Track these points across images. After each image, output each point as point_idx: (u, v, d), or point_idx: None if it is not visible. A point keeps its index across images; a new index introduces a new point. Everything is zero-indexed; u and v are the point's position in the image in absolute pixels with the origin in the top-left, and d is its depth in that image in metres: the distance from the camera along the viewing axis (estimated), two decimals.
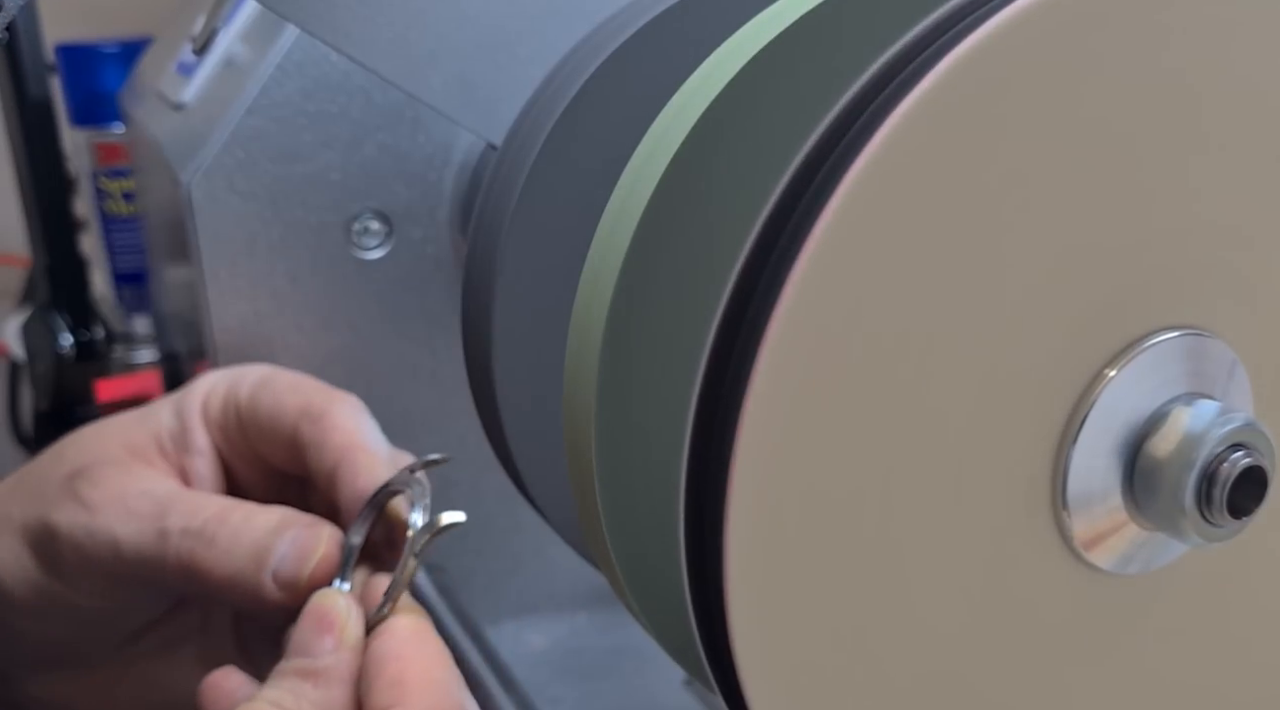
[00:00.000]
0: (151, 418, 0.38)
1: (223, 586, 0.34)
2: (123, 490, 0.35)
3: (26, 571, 0.36)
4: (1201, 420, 0.24)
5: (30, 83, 0.76)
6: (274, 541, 0.33)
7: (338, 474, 0.35)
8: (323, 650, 0.31)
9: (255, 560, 0.33)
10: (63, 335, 0.80)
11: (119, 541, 0.34)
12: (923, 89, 0.21)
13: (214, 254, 0.42)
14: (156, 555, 0.34)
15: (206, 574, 0.34)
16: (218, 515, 0.34)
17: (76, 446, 0.37)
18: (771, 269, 0.22)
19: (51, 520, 0.35)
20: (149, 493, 0.35)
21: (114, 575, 0.35)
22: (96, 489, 0.35)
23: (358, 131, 0.42)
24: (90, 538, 0.35)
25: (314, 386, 0.38)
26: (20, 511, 0.36)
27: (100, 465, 0.36)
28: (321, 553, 0.33)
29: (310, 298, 0.43)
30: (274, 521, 0.34)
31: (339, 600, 0.32)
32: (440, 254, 0.44)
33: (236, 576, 0.33)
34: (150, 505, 0.35)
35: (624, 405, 0.25)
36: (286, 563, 0.33)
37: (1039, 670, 0.26)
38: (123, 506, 0.35)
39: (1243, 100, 0.24)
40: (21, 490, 0.37)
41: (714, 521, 0.22)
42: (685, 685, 0.46)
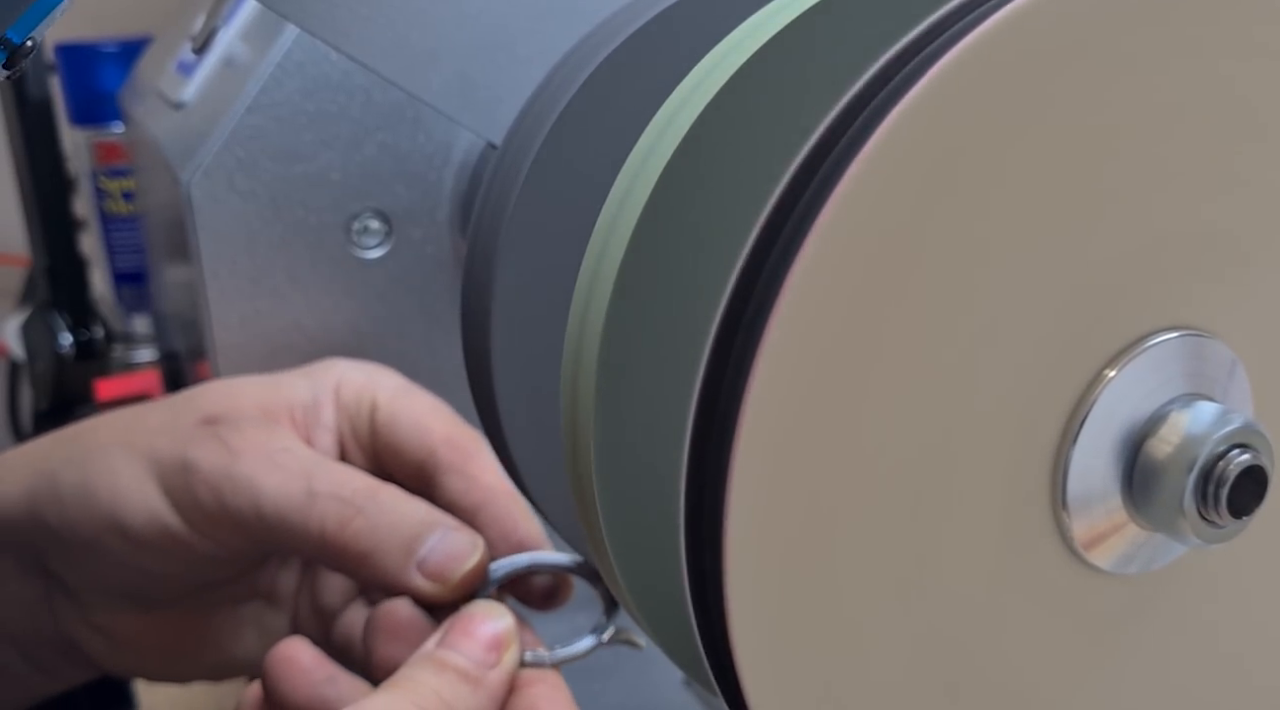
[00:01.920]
0: (285, 385, 0.38)
1: (361, 560, 0.34)
2: (266, 443, 0.35)
3: (149, 502, 0.35)
4: (1201, 421, 0.24)
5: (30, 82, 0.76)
6: (426, 532, 0.34)
7: (486, 512, 0.36)
8: (485, 662, 0.31)
9: (404, 543, 0.33)
10: (62, 335, 0.80)
11: (262, 492, 0.34)
12: (921, 89, 0.21)
13: (214, 253, 0.42)
14: (299, 514, 0.34)
15: (348, 544, 0.34)
16: (367, 489, 0.34)
17: (207, 396, 0.37)
18: (770, 269, 0.22)
19: (192, 458, 0.35)
20: (292, 450, 0.35)
21: (244, 525, 0.35)
22: (240, 436, 0.35)
23: (358, 131, 0.42)
24: (230, 483, 0.34)
25: (454, 416, 0.38)
26: (148, 441, 0.36)
27: (237, 415, 0.36)
28: (476, 562, 0.34)
29: (310, 297, 0.43)
30: (424, 511, 0.34)
31: (507, 619, 0.32)
32: (440, 253, 0.44)
33: (380, 554, 0.33)
34: (296, 463, 0.35)
35: (623, 405, 0.25)
36: (436, 556, 0.33)
37: (1039, 670, 0.26)
38: (268, 458, 0.35)
39: (1242, 100, 0.24)
40: (146, 423, 0.37)
41: (713, 521, 0.22)
42: (685, 685, 0.46)
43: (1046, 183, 0.23)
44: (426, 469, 0.37)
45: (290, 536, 0.34)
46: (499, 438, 0.35)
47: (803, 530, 0.23)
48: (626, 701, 0.45)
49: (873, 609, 0.24)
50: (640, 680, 0.46)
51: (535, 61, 0.36)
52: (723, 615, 0.22)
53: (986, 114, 0.22)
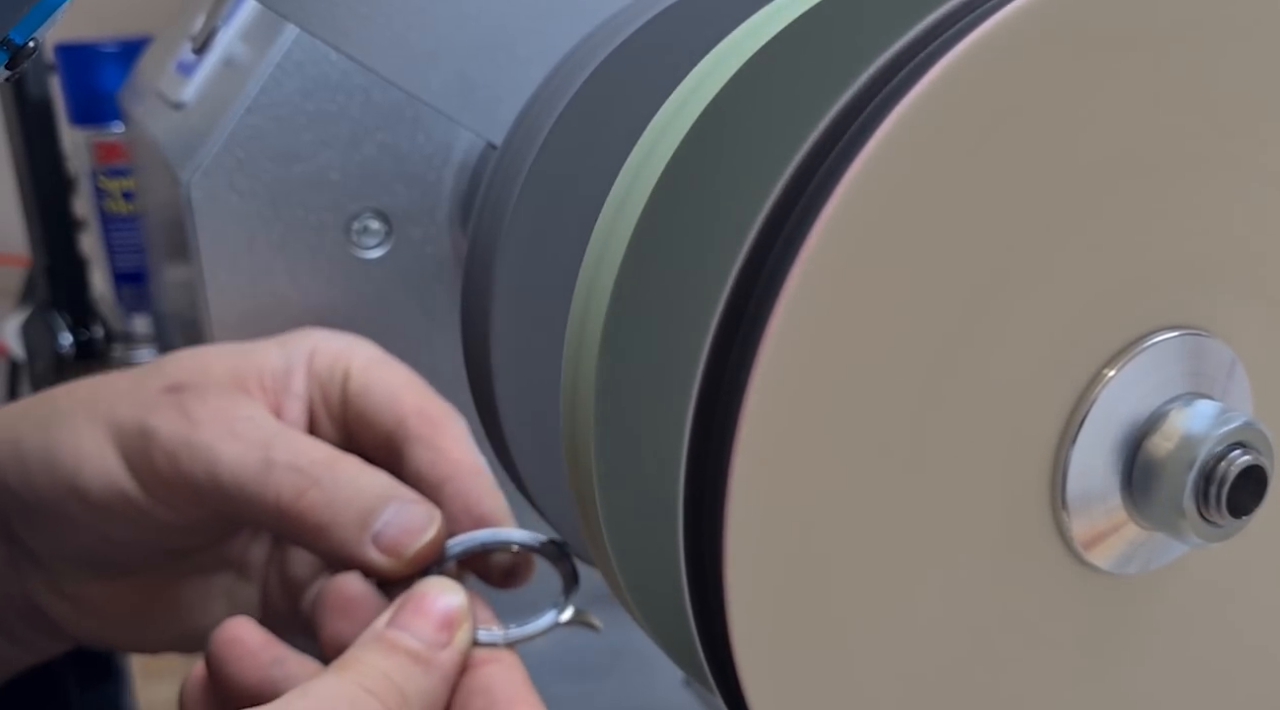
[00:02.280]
0: (258, 352, 0.38)
1: (316, 531, 0.33)
2: (228, 412, 0.35)
3: (108, 468, 0.35)
4: (1201, 420, 0.24)
5: (30, 82, 0.76)
6: (380, 504, 0.33)
7: (451, 485, 0.35)
8: (436, 642, 0.31)
9: (359, 516, 0.33)
10: (62, 335, 0.80)
11: (219, 461, 0.34)
12: (921, 89, 0.21)
13: (213, 253, 0.42)
14: (256, 484, 0.34)
15: (304, 515, 0.33)
16: (325, 460, 0.34)
17: (176, 364, 0.37)
18: (770, 269, 0.22)
19: (151, 425, 0.35)
20: (254, 419, 0.35)
21: (202, 494, 0.34)
22: (202, 405, 0.35)
23: (357, 131, 0.42)
24: (189, 450, 0.34)
25: (429, 390, 0.38)
26: (110, 408, 0.36)
27: (203, 384, 0.36)
28: (431, 536, 0.33)
29: (310, 297, 0.43)
30: (382, 483, 0.34)
31: (459, 597, 0.32)
32: (440, 253, 0.44)
33: (335, 526, 0.33)
34: (256, 432, 0.34)
35: (623, 405, 0.25)
36: (391, 530, 0.33)
37: (1039, 670, 0.26)
38: (227, 427, 0.34)
39: (1242, 101, 0.24)
40: (111, 389, 0.37)
41: (713, 521, 0.22)
42: (684, 685, 0.46)
43: (1046, 182, 0.23)
44: (396, 440, 0.36)
45: (247, 506, 0.34)
46: (499, 437, 0.35)
47: (802, 529, 0.23)
48: (625, 701, 0.45)
49: (872, 607, 0.24)
50: (638, 680, 0.46)
51: (535, 61, 0.36)
52: (722, 614, 0.22)
53: (986, 113, 0.22)
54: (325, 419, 0.38)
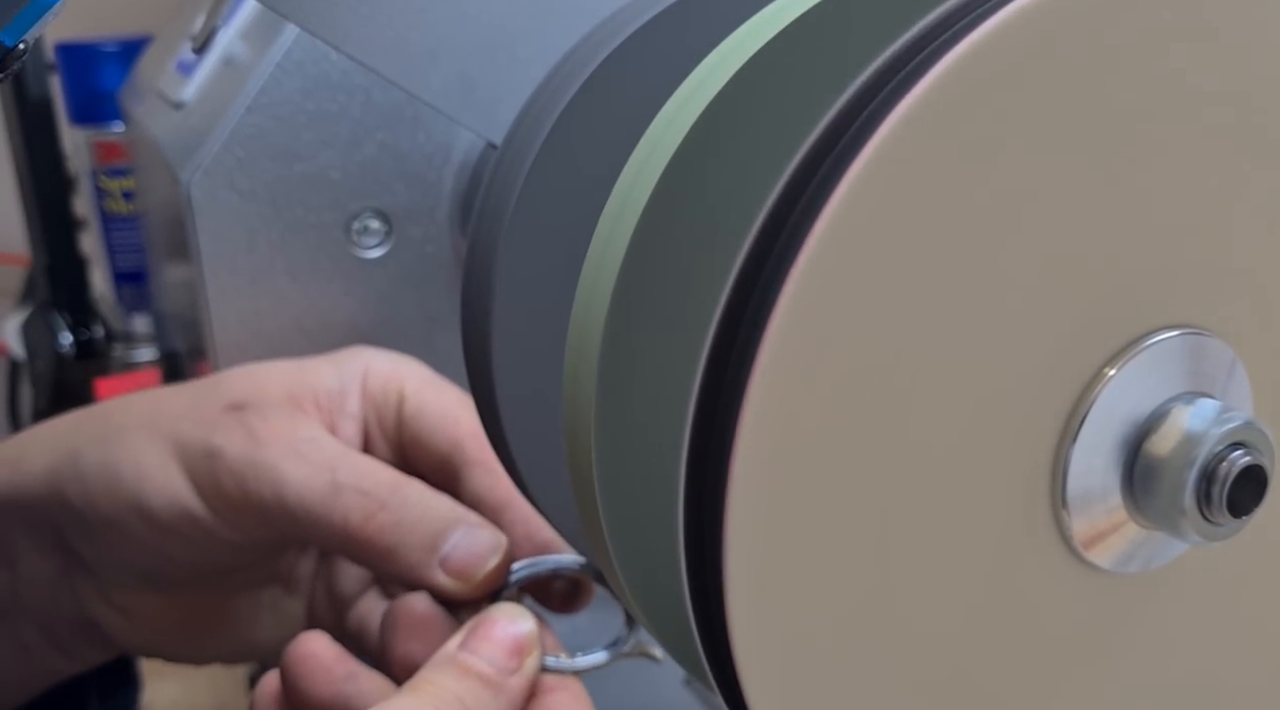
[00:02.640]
0: (311, 372, 0.38)
1: (384, 555, 0.33)
2: (291, 432, 0.35)
3: (172, 485, 0.35)
4: (1201, 419, 0.24)
5: (30, 82, 0.76)
6: (449, 528, 0.33)
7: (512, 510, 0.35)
8: (506, 668, 0.31)
9: (428, 539, 0.33)
10: (62, 334, 0.80)
11: (285, 482, 0.34)
12: (922, 89, 0.21)
13: (214, 253, 0.42)
14: (324, 507, 0.34)
15: (372, 539, 0.33)
16: (391, 483, 0.34)
17: (233, 381, 0.37)
18: (771, 268, 0.22)
19: (216, 444, 0.35)
20: (317, 441, 0.35)
21: (266, 513, 0.34)
22: (265, 424, 0.35)
23: (357, 130, 0.42)
24: (254, 470, 0.34)
25: None
26: (173, 426, 0.36)
27: (264, 403, 0.36)
28: (499, 561, 0.33)
29: (310, 297, 0.43)
30: (448, 507, 0.34)
31: (530, 624, 0.32)
32: (440, 253, 0.44)
33: (403, 549, 0.33)
34: (320, 454, 0.35)
35: (624, 404, 0.25)
36: (459, 553, 0.33)
37: (1039, 669, 0.26)
38: (292, 448, 0.35)
39: (1242, 100, 0.24)
40: (172, 406, 0.37)
41: (713, 521, 0.22)
42: (685, 684, 0.46)
43: (1046, 181, 0.23)
44: (453, 463, 0.37)
45: (314, 528, 0.34)
46: (499, 437, 0.35)
47: (802, 527, 0.23)
48: (626, 700, 0.45)
49: (872, 605, 0.24)
50: (640, 679, 0.46)
51: (535, 61, 0.36)
52: (722, 612, 0.22)
53: (986, 112, 0.22)
54: (380, 440, 0.38)
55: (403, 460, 0.38)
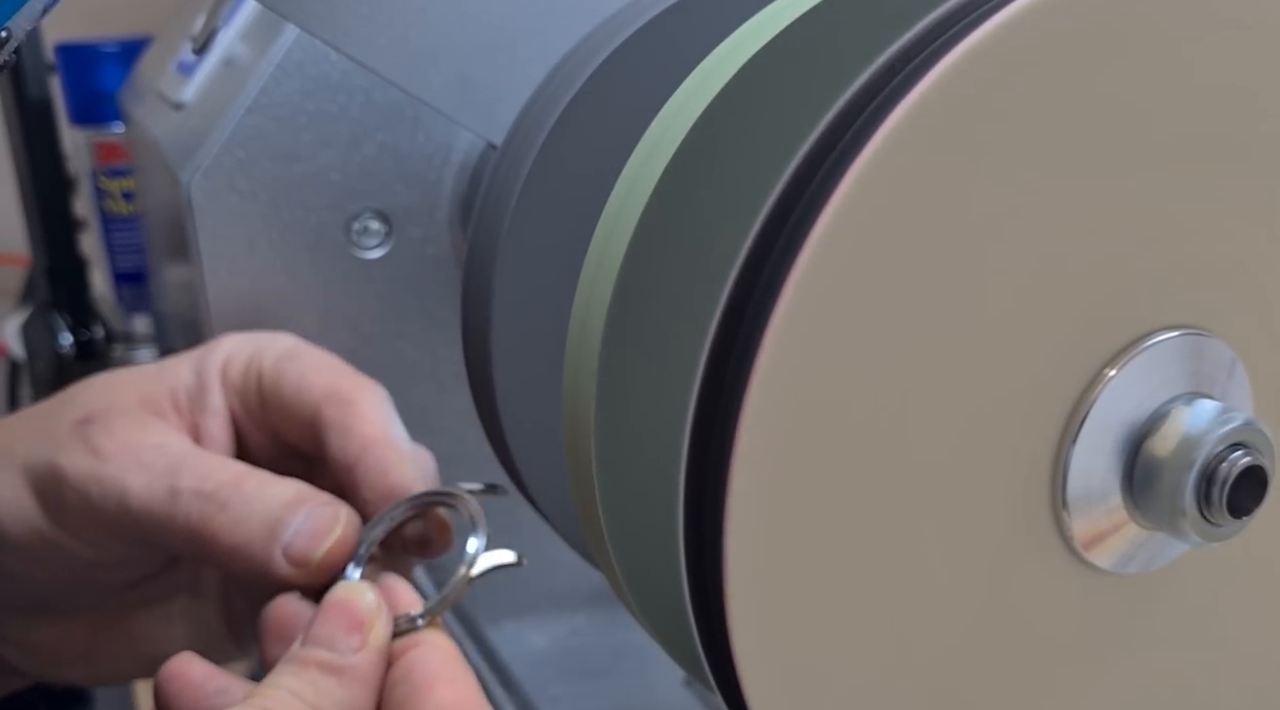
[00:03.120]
0: (169, 372, 0.37)
1: (229, 554, 0.33)
2: (136, 442, 0.34)
3: (25, 512, 0.35)
4: (1201, 420, 0.24)
5: (30, 82, 0.76)
6: (288, 515, 0.32)
7: (362, 464, 0.34)
8: (349, 647, 0.29)
9: (267, 532, 0.32)
10: (62, 335, 0.80)
11: (128, 494, 0.33)
12: (921, 90, 0.21)
13: (214, 253, 0.42)
14: (165, 513, 0.33)
15: (214, 539, 0.33)
16: (231, 480, 0.33)
17: (88, 392, 0.36)
18: (770, 269, 0.22)
19: (59, 463, 0.34)
20: (162, 447, 0.34)
21: (117, 527, 0.34)
22: (109, 438, 0.34)
23: (357, 131, 0.42)
24: (99, 486, 0.34)
25: (341, 369, 0.36)
26: (25, 449, 0.35)
27: (113, 414, 0.35)
28: (339, 535, 0.32)
29: (310, 297, 0.43)
30: (289, 494, 0.33)
31: (368, 597, 0.30)
32: (440, 253, 0.44)
33: (245, 546, 0.32)
34: (163, 460, 0.34)
35: (623, 404, 0.25)
36: (300, 539, 0.32)
37: (1040, 670, 0.26)
38: (135, 458, 0.34)
39: (1241, 100, 0.24)
40: (26, 428, 0.36)
41: (713, 521, 0.22)
42: (685, 685, 0.46)
43: (1046, 183, 0.23)
44: (316, 429, 0.35)
45: (162, 535, 0.33)
46: (499, 437, 0.35)
47: (802, 527, 0.23)
48: (625, 701, 0.45)
49: (872, 606, 0.24)
50: (640, 680, 0.46)
51: (535, 62, 0.36)
52: (722, 613, 0.22)
53: (985, 116, 0.22)
54: (250, 426, 0.37)
55: (278, 441, 0.37)
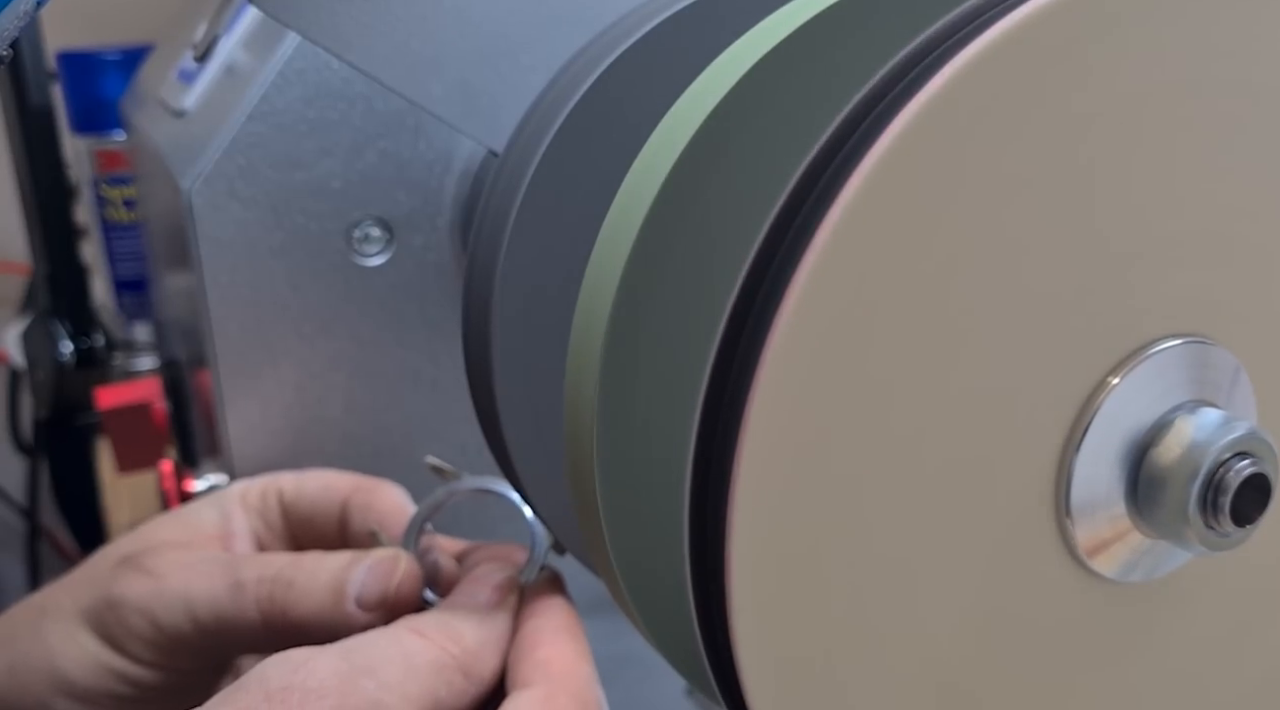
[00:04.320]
0: (191, 515, 0.39)
1: (303, 624, 0.34)
2: (186, 559, 0.36)
3: (90, 654, 0.36)
4: (1205, 428, 0.24)
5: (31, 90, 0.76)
6: (350, 573, 0.34)
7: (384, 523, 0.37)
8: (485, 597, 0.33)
9: (335, 593, 0.34)
10: (63, 342, 0.80)
11: (193, 600, 0.35)
12: (926, 96, 0.21)
13: (214, 261, 0.42)
14: (234, 608, 0.35)
15: (286, 615, 0.34)
16: (292, 562, 0.35)
17: (119, 545, 0.38)
18: (773, 278, 0.22)
19: (115, 593, 0.36)
20: (213, 557, 0.36)
21: (186, 639, 0.35)
22: (160, 560, 0.36)
23: (359, 138, 0.42)
24: (161, 601, 0.35)
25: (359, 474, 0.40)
26: (74, 599, 0.37)
27: (155, 547, 0.37)
28: (404, 569, 0.34)
29: (311, 304, 0.43)
30: (346, 557, 0.35)
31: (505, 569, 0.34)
32: (441, 261, 0.44)
33: (318, 611, 0.34)
34: (218, 566, 0.36)
35: (625, 414, 0.25)
36: (369, 587, 0.34)
37: (1042, 678, 0.26)
38: (191, 570, 0.36)
39: (1246, 108, 0.24)
40: (70, 584, 0.38)
41: (717, 530, 0.22)
42: (687, 695, 0.46)
43: (1050, 191, 0.23)
44: (343, 521, 0.38)
45: (232, 633, 0.35)
46: (500, 445, 0.34)
47: (806, 536, 0.22)
48: None
49: (876, 614, 0.24)
50: (642, 689, 0.45)
51: (537, 69, 0.36)
52: (725, 622, 0.22)
53: (990, 123, 0.22)
54: (273, 541, 0.39)
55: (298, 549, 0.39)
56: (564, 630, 0.32)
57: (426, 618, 0.32)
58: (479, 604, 0.33)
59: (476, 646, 0.32)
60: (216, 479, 0.49)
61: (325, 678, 0.29)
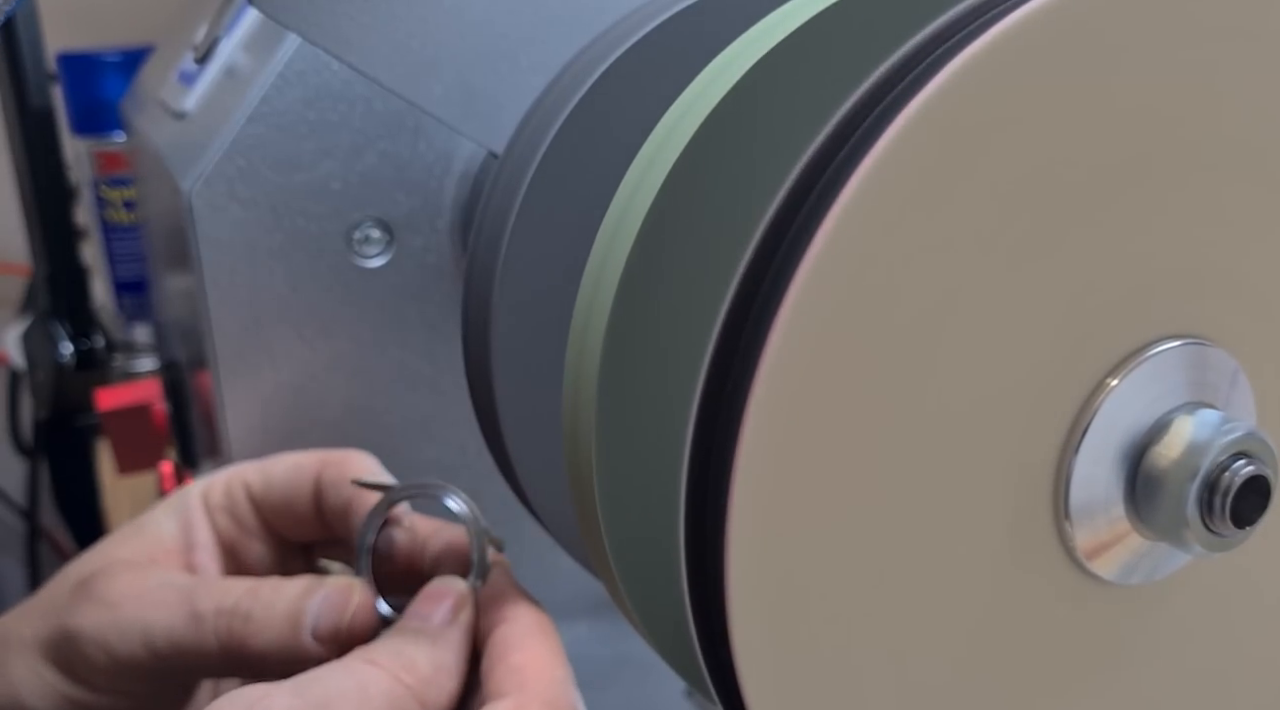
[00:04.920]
0: (149, 527, 0.39)
1: (264, 656, 0.34)
2: (142, 584, 0.36)
3: (47, 686, 0.35)
4: (1204, 429, 0.24)
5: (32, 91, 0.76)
6: (305, 603, 0.34)
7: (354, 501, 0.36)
8: (437, 616, 0.32)
9: (292, 625, 0.34)
10: (63, 344, 0.80)
11: (151, 631, 0.35)
12: (926, 96, 0.21)
13: (214, 262, 0.42)
14: (193, 639, 0.34)
15: (244, 648, 0.34)
16: (249, 592, 0.35)
17: (78, 565, 0.38)
18: (771, 279, 0.22)
19: (72, 625, 0.35)
20: (170, 583, 0.36)
21: (142, 670, 0.35)
22: (114, 586, 0.36)
23: (359, 140, 0.42)
24: (118, 632, 0.35)
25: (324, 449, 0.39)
26: (31, 630, 0.36)
27: (111, 568, 0.36)
28: (357, 600, 0.34)
29: (311, 306, 0.43)
30: (301, 586, 0.35)
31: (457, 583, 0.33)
32: (441, 262, 0.44)
33: (275, 643, 0.34)
34: (175, 593, 0.35)
35: (624, 414, 0.25)
36: (323, 619, 0.34)
37: (1042, 681, 0.26)
38: (147, 598, 0.35)
39: (1248, 108, 0.24)
40: (28, 612, 0.37)
41: (715, 531, 0.22)
42: (686, 696, 0.46)
43: (1049, 190, 0.23)
44: (314, 504, 0.37)
45: (190, 660, 0.35)
46: (500, 447, 0.35)
47: (804, 538, 0.22)
48: None
49: (874, 617, 0.24)
50: (641, 691, 0.45)
51: (537, 71, 0.36)
52: (724, 623, 0.22)
53: (990, 122, 0.22)
54: (245, 540, 0.39)
55: (273, 544, 0.39)
56: (533, 632, 0.32)
57: (379, 647, 0.32)
58: (432, 627, 0.32)
59: (430, 673, 0.31)
60: None
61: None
